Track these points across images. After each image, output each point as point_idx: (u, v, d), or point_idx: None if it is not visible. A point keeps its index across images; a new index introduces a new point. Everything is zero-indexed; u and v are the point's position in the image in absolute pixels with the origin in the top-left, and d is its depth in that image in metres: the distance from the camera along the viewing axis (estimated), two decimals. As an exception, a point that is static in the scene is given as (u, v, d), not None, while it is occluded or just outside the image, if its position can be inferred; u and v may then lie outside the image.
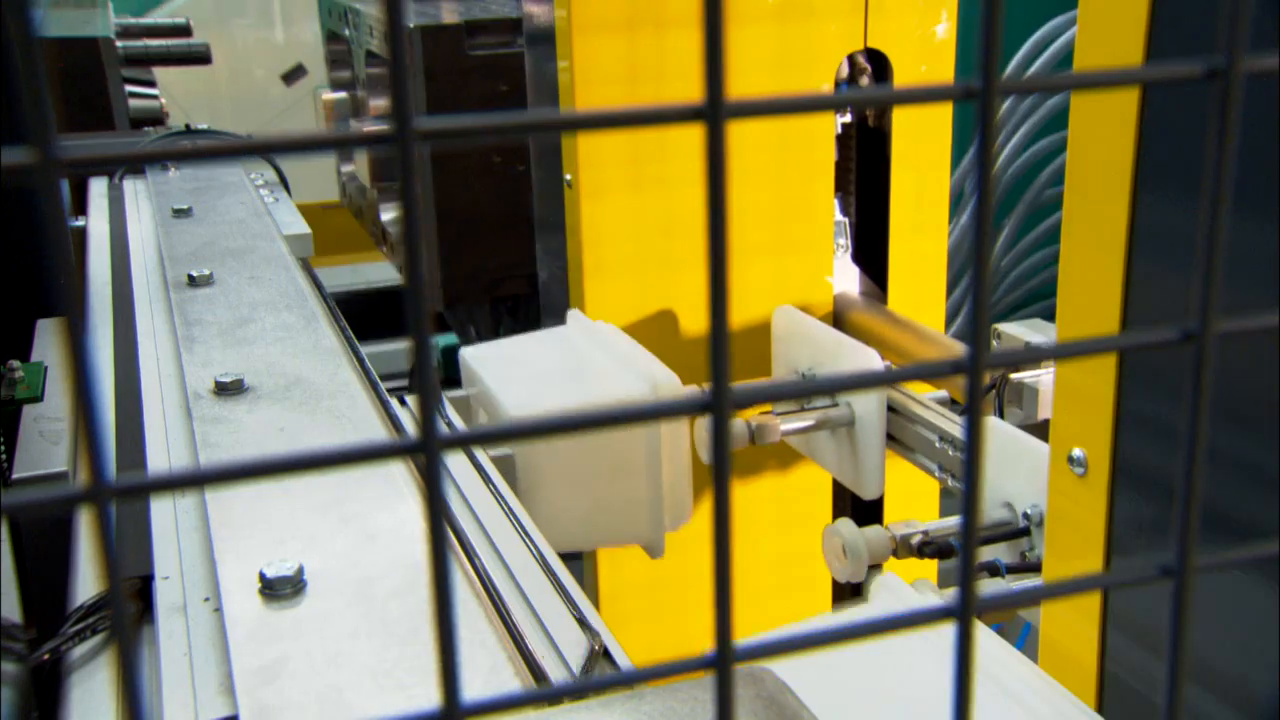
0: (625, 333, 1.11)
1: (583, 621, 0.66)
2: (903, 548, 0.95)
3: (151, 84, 2.27)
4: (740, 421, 1.13)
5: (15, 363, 1.02)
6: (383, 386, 0.90)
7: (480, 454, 0.89)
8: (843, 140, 1.41)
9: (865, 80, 1.37)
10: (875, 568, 0.92)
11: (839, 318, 1.38)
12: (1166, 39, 0.64)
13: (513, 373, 1.04)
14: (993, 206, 0.21)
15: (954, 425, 1.09)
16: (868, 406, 1.11)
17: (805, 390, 0.23)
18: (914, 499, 1.41)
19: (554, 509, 0.95)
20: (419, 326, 0.19)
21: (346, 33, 2.05)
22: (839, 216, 1.42)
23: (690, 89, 1.23)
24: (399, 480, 0.69)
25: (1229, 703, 0.66)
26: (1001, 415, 1.12)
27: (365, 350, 0.96)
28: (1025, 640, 1.67)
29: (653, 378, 0.99)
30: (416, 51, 1.59)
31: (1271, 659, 0.62)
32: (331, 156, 2.17)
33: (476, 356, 1.08)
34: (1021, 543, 0.92)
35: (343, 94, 2.14)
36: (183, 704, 0.54)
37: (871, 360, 1.10)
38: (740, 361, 1.32)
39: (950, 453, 1.07)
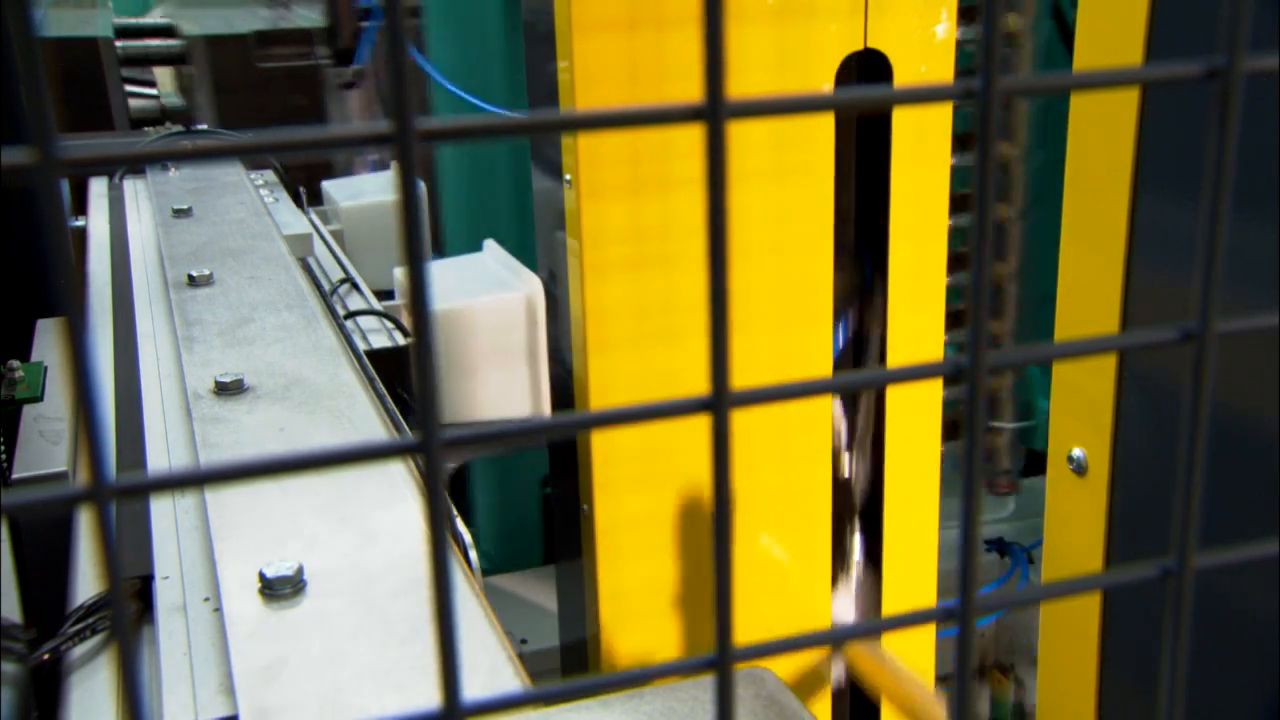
0: (625, 332, 1.15)
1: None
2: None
3: (152, 84, 2.27)
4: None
5: (15, 363, 1.02)
6: (380, 384, 0.90)
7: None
8: (842, 138, 1.41)
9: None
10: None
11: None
12: (1166, 39, 0.64)
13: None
14: (993, 206, 0.21)
15: None
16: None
17: (805, 391, 0.23)
18: (913, 500, 1.41)
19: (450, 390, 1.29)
20: (419, 326, 0.19)
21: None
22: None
23: (690, 89, 1.23)
24: (399, 480, 0.69)
25: (1229, 703, 0.66)
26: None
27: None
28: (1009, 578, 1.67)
29: (528, 282, 1.35)
30: (204, 62, 1.57)
31: (1272, 659, 0.62)
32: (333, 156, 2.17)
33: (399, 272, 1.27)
34: None
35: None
36: (183, 704, 0.54)
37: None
38: (740, 361, 1.32)
39: None
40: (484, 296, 1.35)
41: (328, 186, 1.68)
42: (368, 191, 1.64)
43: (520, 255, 1.48)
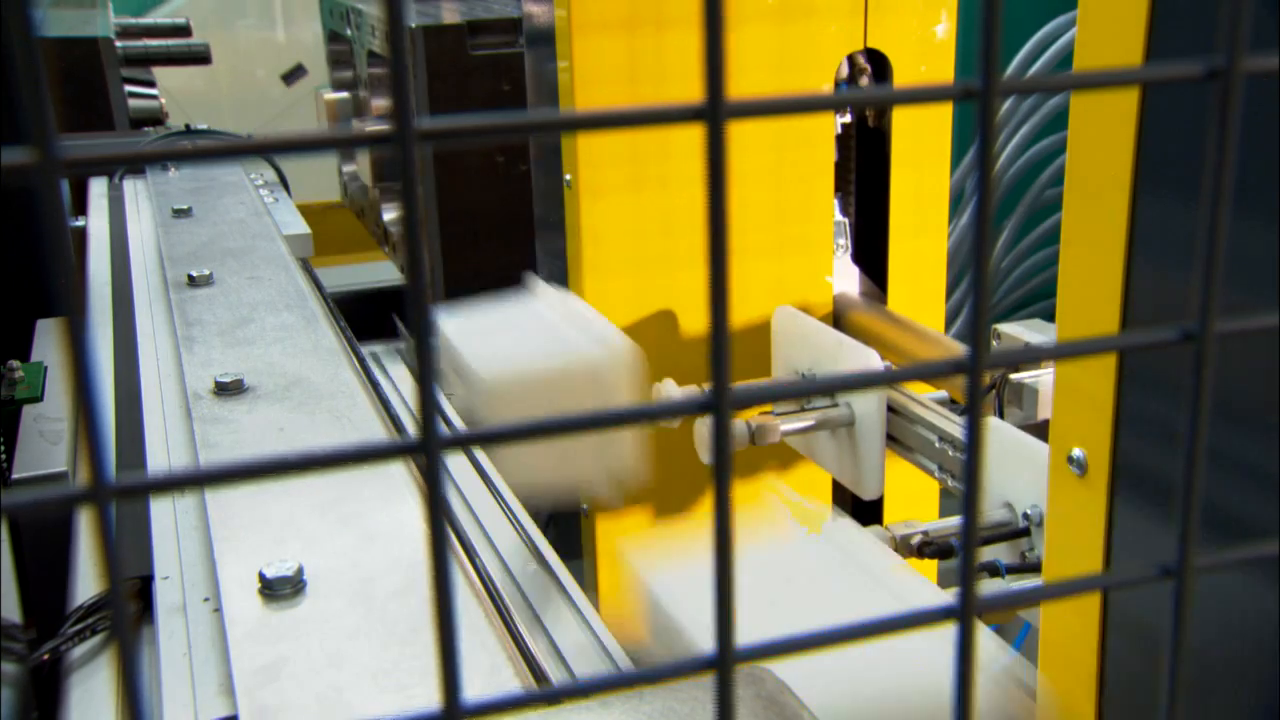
0: (626, 333, 1.12)
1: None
2: (903, 548, 0.95)
3: (151, 84, 2.27)
4: (740, 422, 1.13)
5: (15, 363, 1.02)
6: (383, 385, 0.90)
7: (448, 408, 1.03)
8: (843, 140, 1.41)
9: (865, 80, 1.37)
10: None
11: (839, 318, 1.38)
12: (1166, 39, 0.64)
13: (480, 338, 1.08)
14: (993, 206, 0.21)
15: (954, 426, 1.08)
16: (867, 407, 1.11)
17: (805, 390, 0.23)
18: (914, 499, 1.41)
19: (515, 462, 1.01)
20: (420, 326, 0.19)
21: (348, 32, 2.05)
22: (839, 216, 1.42)
23: (690, 89, 1.23)
24: (399, 480, 0.69)
25: (1229, 703, 0.66)
26: (1001, 416, 1.12)
27: (366, 349, 0.96)
28: (1024, 640, 1.67)
29: (606, 340, 1.05)
30: (419, 51, 1.59)
31: (1272, 659, 0.62)
32: (333, 156, 2.17)
33: (445, 323, 1.11)
34: (1021, 543, 0.92)
35: (344, 94, 2.14)
36: (183, 704, 0.54)
37: (871, 360, 1.10)
38: (740, 361, 1.32)
39: (950, 453, 1.07)
40: (557, 360, 1.03)
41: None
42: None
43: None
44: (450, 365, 1.08)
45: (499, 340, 1.06)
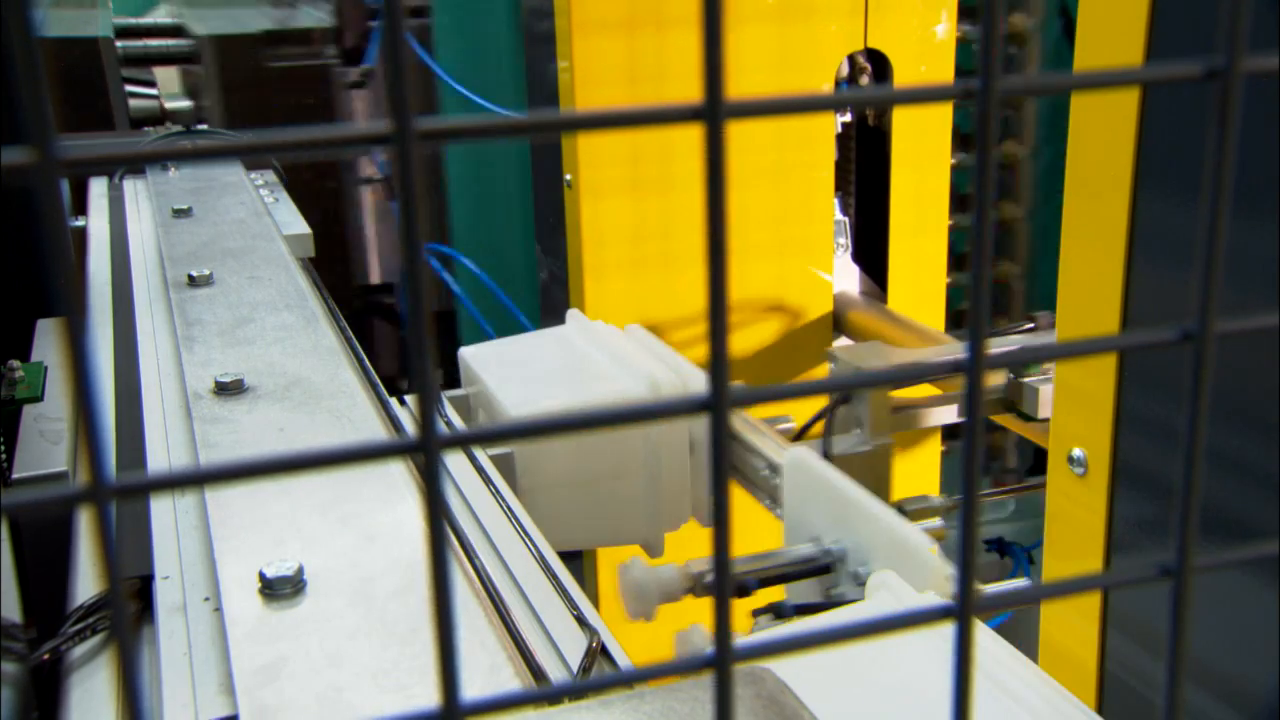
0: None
1: (581, 620, 0.66)
2: (699, 586, 0.87)
3: (151, 84, 2.27)
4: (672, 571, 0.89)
5: (15, 363, 1.02)
6: (382, 386, 0.90)
7: (480, 454, 0.90)
8: (842, 140, 1.41)
9: (865, 80, 1.37)
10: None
11: (839, 317, 1.38)
12: (1166, 39, 0.64)
13: (512, 372, 1.03)
14: (993, 206, 0.21)
15: (779, 452, 0.91)
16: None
17: (805, 391, 0.23)
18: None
19: (553, 508, 0.95)
20: (419, 326, 0.19)
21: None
22: (839, 216, 1.42)
23: (690, 89, 1.23)
24: (399, 480, 0.69)
25: (1229, 702, 0.66)
26: (829, 437, 1.07)
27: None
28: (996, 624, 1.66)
29: (651, 377, 0.97)
30: (213, 62, 1.54)
31: (1272, 659, 0.62)
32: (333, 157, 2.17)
33: (476, 356, 1.05)
34: (827, 579, 0.81)
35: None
36: (183, 704, 0.54)
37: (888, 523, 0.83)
38: (740, 361, 1.32)
39: (774, 481, 0.91)
40: (585, 395, 0.98)
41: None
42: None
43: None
44: (479, 401, 1.03)
45: (531, 375, 1.03)
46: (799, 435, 1.09)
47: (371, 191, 2.02)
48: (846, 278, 1.43)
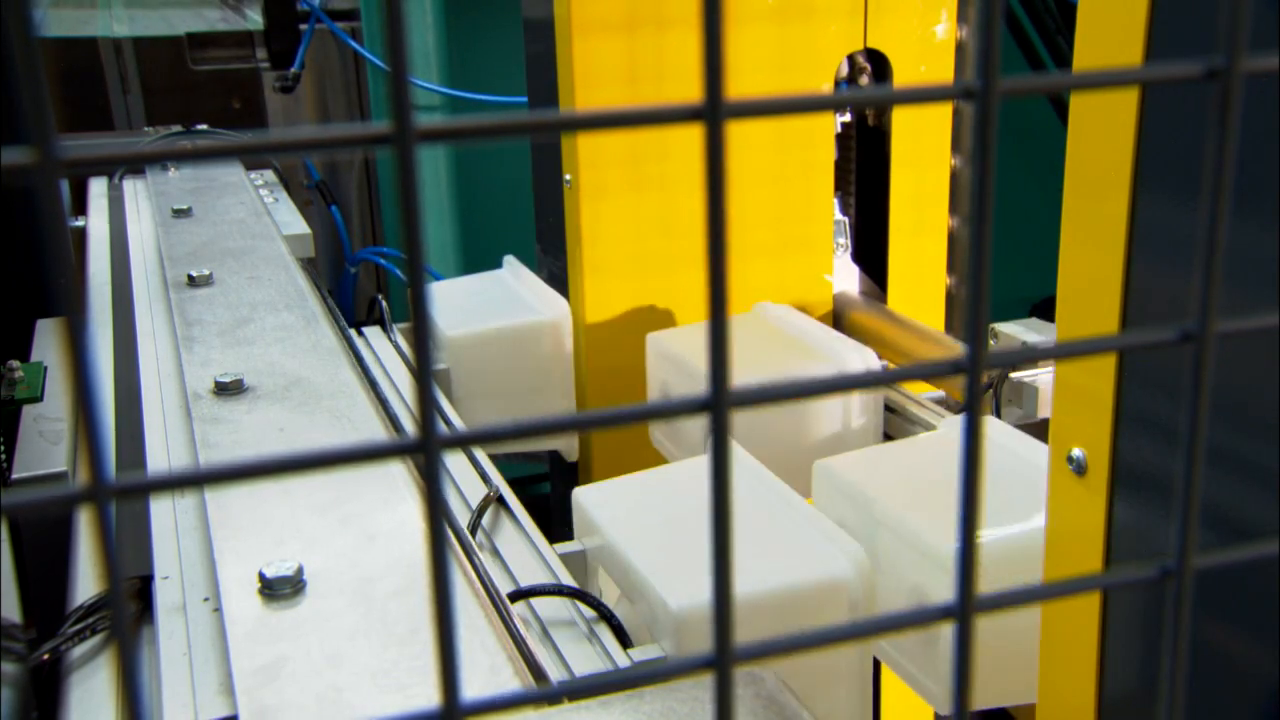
0: (626, 333, 1.15)
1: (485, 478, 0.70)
2: None
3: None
4: None
5: (15, 363, 1.02)
6: (382, 385, 0.90)
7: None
8: (842, 140, 1.41)
9: (865, 80, 1.36)
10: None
11: (839, 317, 1.38)
12: (1166, 39, 0.64)
13: (452, 304, 1.30)
14: (992, 206, 0.21)
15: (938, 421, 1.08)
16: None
17: (804, 391, 0.23)
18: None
19: (481, 416, 1.24)
20: (419, 326, 0.19)
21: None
22: (839, 216, 1.42)
23: (690, 89, 1.22)
24: (399, 480, 0.69)
25: (1229, 702, 0.66)
26: (999, 414, 1.12)
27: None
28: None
29: (557, 307, 1.27)
30: (130, 65, 1.53)
31: (1272, 657, 0.62)
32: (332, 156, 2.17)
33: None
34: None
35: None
36: (183, 704, 0.54)
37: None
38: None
39: None
40: (509, 320, 1.26)
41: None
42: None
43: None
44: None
45: (465, 307, 1.30)
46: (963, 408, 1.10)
47: (305, 201, 2.02)
48: (846, 278, 1.43)
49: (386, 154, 0.19)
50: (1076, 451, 0.74)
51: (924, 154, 1.38)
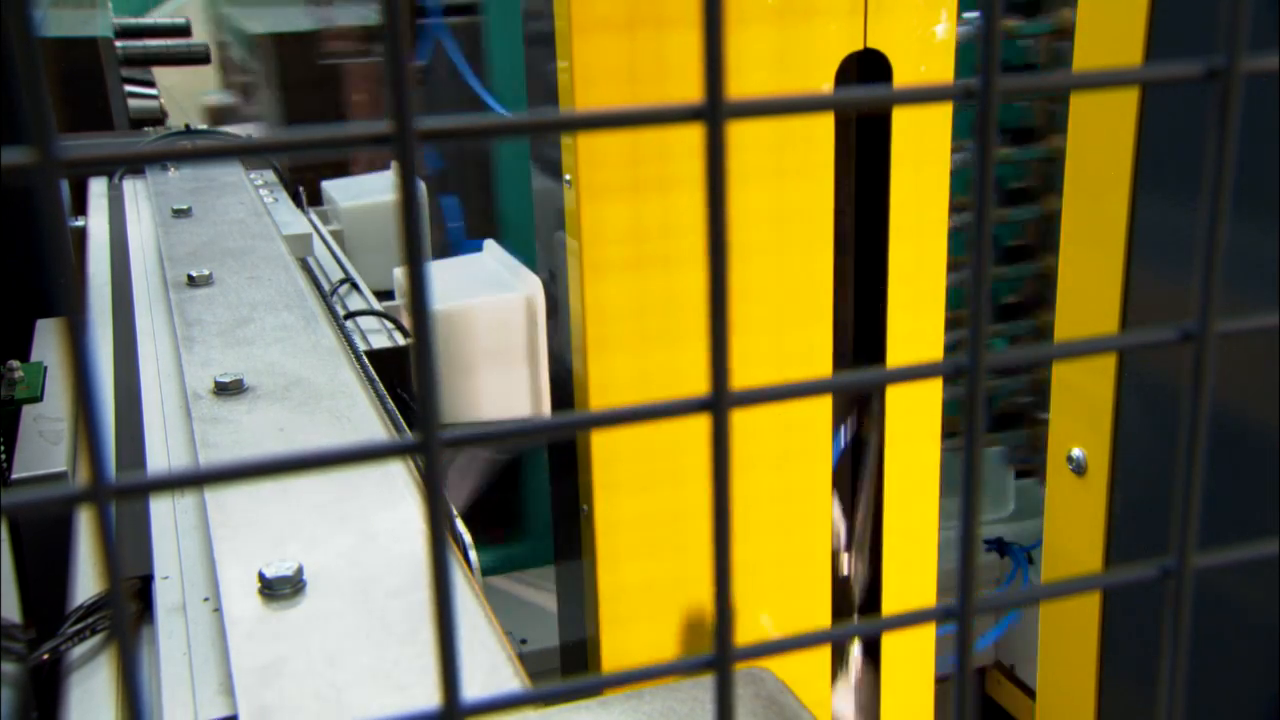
0: (625, 332, 1.16)
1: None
2: None
3: (151, 84, 2.27)
4: None
5: (15, 363, 1.02)
6: (380, 385, 0.90)
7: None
8: (842, 140, 1.41)
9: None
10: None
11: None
12: (1166, 39, 0.64)
13: (436, 279, 1.44)
14: (992, 206, 0.21)
15: None
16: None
17: (805, 391, 0.23)
18: (913, 513, 1.41)
19: (450, 385, 1.34)
20: (420, 326, 0.19)
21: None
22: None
23: (690, 89, 1.22)
24: (399, 480, 0.69)
25: (1229, 703, 0.66)
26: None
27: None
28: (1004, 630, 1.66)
29: (527, 282, 1.39)
30: (272, 60, 1.58)
31: (1272, 659, 0.62)
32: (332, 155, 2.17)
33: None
34: None
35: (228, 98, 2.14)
36: (183, 704, 0.54)
37: None
38: (739, 363, 1.32)
39: None
40: (483, 296, 1.36)
41: (328, 187, 1.70)
42: (368, 191, 1.65)
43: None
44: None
45: (442, 282, 1.40)
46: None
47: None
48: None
49: (506, 143, 0.19)
50: (1076, 451, 0.74)
51: (924, 153, 1.38)
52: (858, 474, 1.42)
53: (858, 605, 1.40)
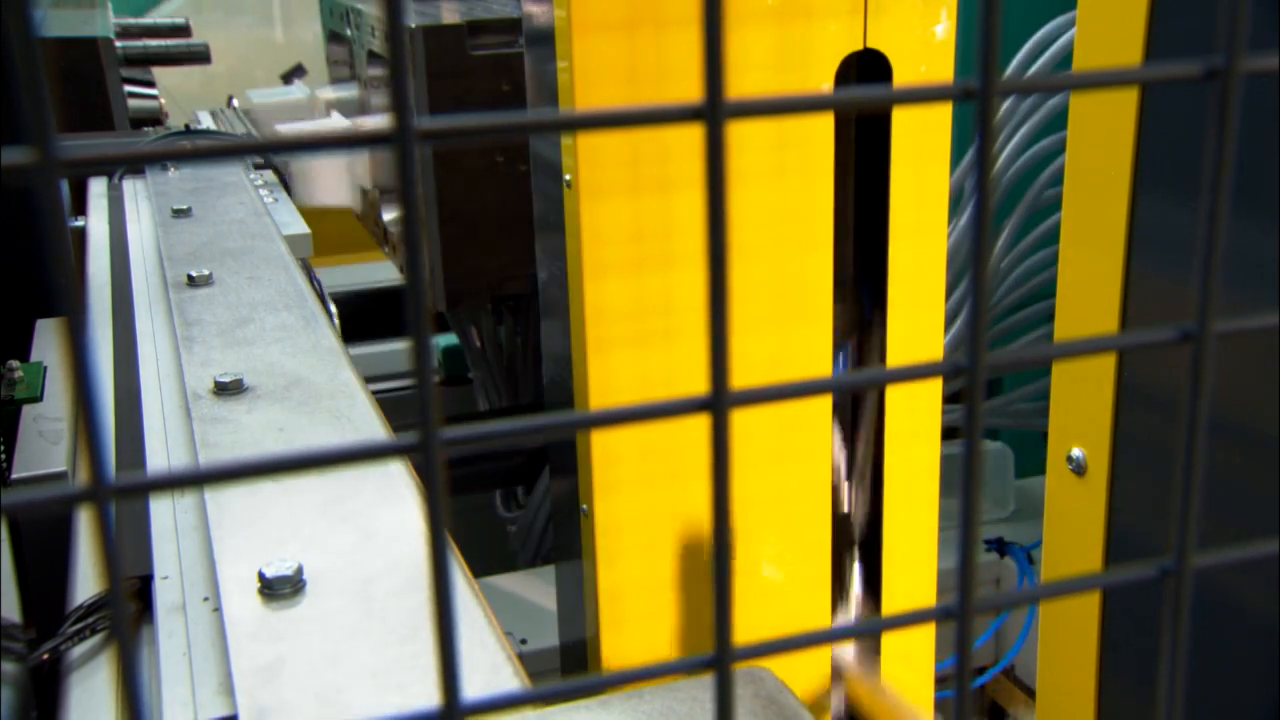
0: (625, 332, 1.15)
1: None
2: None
3: (151, 84, 2.27)
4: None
5: (15, 363, 1.02)
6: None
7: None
8: (842, 140, 1.41)
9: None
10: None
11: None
12: (1166, 39, 0.64)
13: None
14: (993, 206, 0.21)
15: None
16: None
17: (805, 391, 0.23)
18: (912, 527, 1.41)
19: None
20: (419, 326, 0.19)
21: (348, 33, 2.06)
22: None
23: (690, 89, 1.22)
24: (398, 480, 0.69)
25: (1229, 703, 0.66)
26: None
27: (366, 350, 0.97)
28: (1025, 638, 1.67)
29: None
30: (419, 52, 1.61)
31: (1272, 660, 0.62)
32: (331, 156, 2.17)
33: None
34: None
35: (344, 93, 2.14)
36: (182, 704, 0.54)
37: None
38: (739, 362, 1.32)
39: None
40: None
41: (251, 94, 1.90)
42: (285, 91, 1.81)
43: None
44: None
45: None
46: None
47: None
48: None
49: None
50: (1076, 451, 0.74)
51: (924, 154, 1.38)
52: (857, 414, 1.42)
53: (859, 539, 1.40)
